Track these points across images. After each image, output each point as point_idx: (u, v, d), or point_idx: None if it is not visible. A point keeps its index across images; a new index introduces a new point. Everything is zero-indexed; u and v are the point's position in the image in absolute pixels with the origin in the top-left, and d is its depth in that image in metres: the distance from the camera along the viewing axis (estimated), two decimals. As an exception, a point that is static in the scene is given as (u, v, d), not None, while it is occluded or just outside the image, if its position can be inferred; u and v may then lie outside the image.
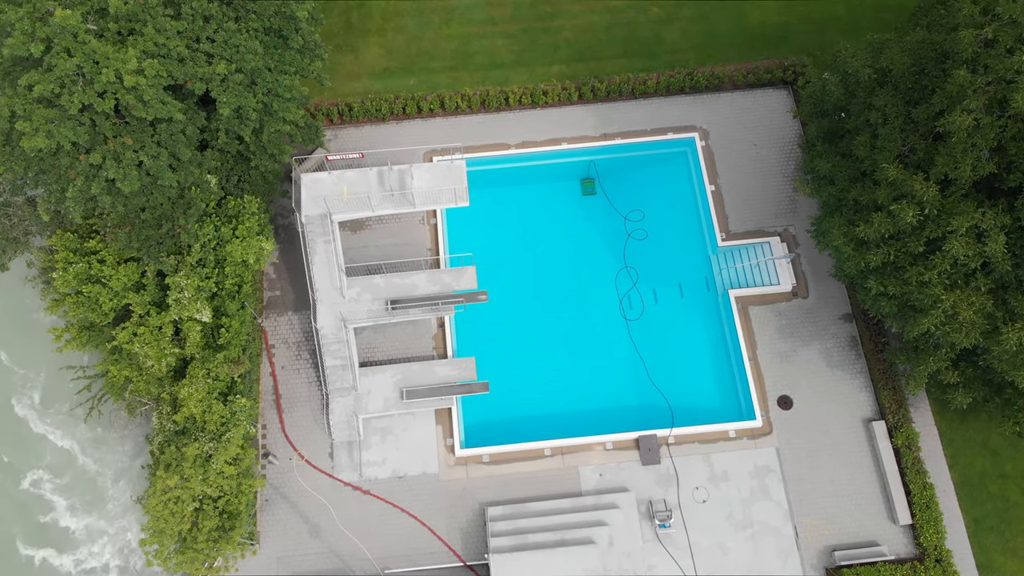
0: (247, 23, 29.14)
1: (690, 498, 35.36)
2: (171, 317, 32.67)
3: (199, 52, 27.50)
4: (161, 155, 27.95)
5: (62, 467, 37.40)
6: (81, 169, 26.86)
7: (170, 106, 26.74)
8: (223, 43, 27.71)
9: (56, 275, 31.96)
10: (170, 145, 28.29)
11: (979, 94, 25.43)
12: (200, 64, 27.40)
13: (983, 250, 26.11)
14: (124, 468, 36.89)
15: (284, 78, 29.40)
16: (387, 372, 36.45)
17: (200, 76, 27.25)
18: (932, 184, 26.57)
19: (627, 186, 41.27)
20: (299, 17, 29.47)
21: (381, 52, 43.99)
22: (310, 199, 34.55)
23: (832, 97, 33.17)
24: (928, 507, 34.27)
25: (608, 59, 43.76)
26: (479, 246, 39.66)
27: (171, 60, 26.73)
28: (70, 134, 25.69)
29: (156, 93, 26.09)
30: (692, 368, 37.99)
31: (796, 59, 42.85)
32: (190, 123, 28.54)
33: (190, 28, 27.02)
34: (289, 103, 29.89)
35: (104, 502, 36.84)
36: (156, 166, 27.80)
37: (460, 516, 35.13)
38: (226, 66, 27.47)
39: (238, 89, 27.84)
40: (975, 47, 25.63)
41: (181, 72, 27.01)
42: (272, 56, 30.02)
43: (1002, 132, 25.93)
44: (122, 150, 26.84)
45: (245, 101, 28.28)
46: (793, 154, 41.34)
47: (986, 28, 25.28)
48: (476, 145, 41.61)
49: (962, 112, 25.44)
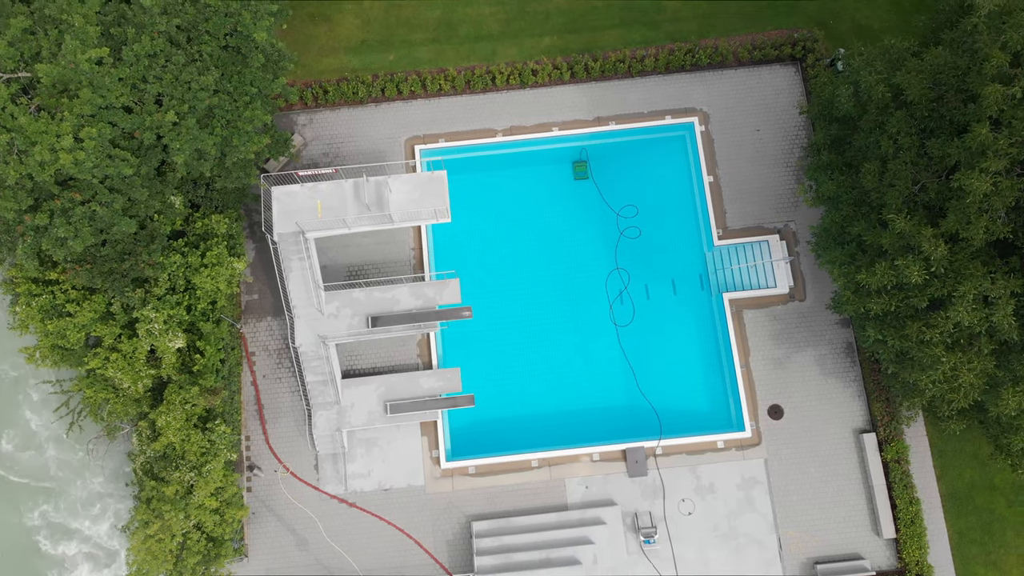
0: (199, 46, 26.33)
1: (676, 510, 35.40)
2: (144, 345, 31.56)
3: (147, 94, 24.95)
4: (115, 201, 25.97)
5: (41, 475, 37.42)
6: (29, 227, 24.99)
7: (119, 161, 24.51)
8: (172, 80, 25.09)
9: (18, 309, 30.60)
10: (124, 188, 26.23)
11: (1001, 156, 23.19)
12: (149, 108, 24.89)
13: (989, 315, 24.64)
14: (106, 492, 36.76)
15: (245, 110, 26.83)
16: (371, 384, 35.67)
17: (149, 125, 24.82)
18: (941, 242, 24.75)
19: (620, 177, 39.01)
20: (257, 42, 26.57)
21: (357, 22, 40.55)
22: (282, 215, 32.62)
23: (842, 108, 30.61)
24: (913, 522, 34.33)
25: (604, 29, 40.38)
26: (464, 245, 38.01)
27: (115, 111, 24.25)
28: (10, 204, 23.68)
29: (99, 157, 23.81)
30: (682, 375, 37.17)
31: (807, 31, 39.54)
32: (144, 164, 26.33)
33: (134, 71, 24.36)
34: (251, 136, 27.47)
35: (84, 518, 37.00)
36: (110, 214, 25.89)
37: (446, 529, 35.30)
38: (177, 106, 24.99)
39: (192, 133, 25.45)
40: (1001, 104, 23.13)
41: (128, 122, 24.58)
42: (230, 78, 27.35)
43: (1022, 193, 23.88)
44: (71, 206, 24.87)
45: (201, 144, 25.95)
46: (798, 140, 38.83)
47: (1015, 86, 22.70)
48: (461, 132, 39.05)
49: (980, 174, 23.29)
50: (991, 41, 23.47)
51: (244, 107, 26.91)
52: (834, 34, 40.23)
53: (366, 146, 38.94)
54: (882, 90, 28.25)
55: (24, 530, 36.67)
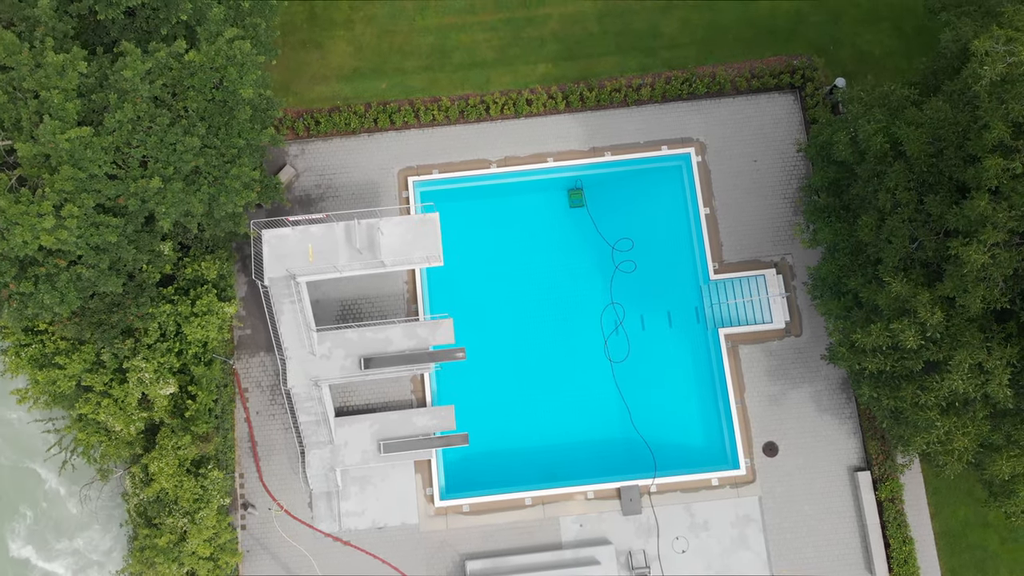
0: (184, 101, 25.80)
1: (670, 548, 35.46)
2: (135, 392, 31.41)
3: (131, 157, 24.47)
4: (101, 262, 25.63)
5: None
6: (14, 293, 24.69)
7: (103, 228, 24.11)
8: (157, 142, 24.58)
9: (7, 359, 30.41)
10: (111, 248, 25.86)
11: (1000, 230, 22.80)
12: (133, 172, 24.41)
13: (985, 382, 24.40)
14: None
15: (233, 167, 26.35)
16: (364, 423, 35.55)
17: (134, 191, 24.37)
18: (938, 309, 24.44)
19: (616, 209, 38.57)
20: (244, 97, 26.02)
21: (349, 49, 39.85)
22: (273, 259, 32.26)
23: (840, 155, 30.12)
24: (906, 562, 34.40)
25: (600, 56, 39.69)
26: (458, 279, 37.67)
27: (99, 179, 23.80)
28: (-9, 278, 23.42)
29: (83, 228, 23.41)
30: (677, 411, 37.06)
31: (806, 58, 38.92)
32: (130, 222, 25.92)
33: (117, 136, 23.86)
34: (239, 191, 27.02)
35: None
36: (96, 274, 25.55)
37: (440, 568, 35.38)
38: (162, 169, 24.53)
39: (178, 196, 25.01)
40: (1001, 178, 22.68)
41: (112, 189, 24.14)
42: (217, 131, 26.83)
43: (1021, 263, 23.52)
44: (56, 271, 24.54)
45: (188, 206, 25.53)
46: (796, 171, 38.34)
47: (1015, 160, 22.24)
48: (455, 163, 38.57)
49: (978, 246, 22.92)
50: (992, 109, 22.97)
51: (231, 163, 26.44)
52: (835, 60, 39.55)
53: (359, 177, 38.49)
54: (880, 141, 27.77)
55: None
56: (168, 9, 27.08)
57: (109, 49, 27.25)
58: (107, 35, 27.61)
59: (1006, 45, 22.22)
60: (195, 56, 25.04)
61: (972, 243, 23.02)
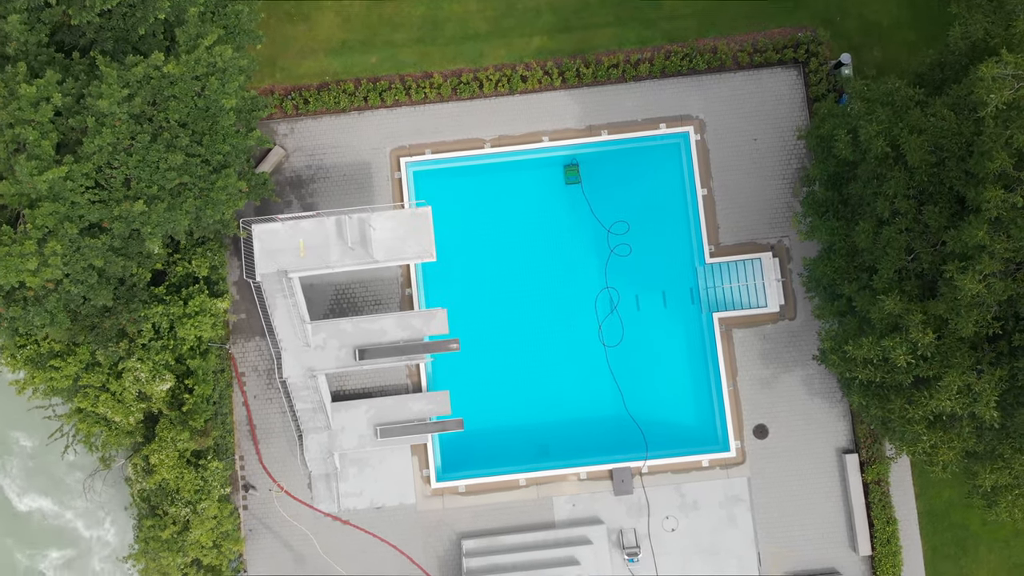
0: (165, 112, 25.03)
1: (660, 527, 36.50)
2: (132, 389, 31.74)
3: (113, 179, 23.90)
4: (90, 277, 25.43)
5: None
6: (4, 316, 24.60)
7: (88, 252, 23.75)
8: (139, 161, 23.94)
9: (4, 359, 30.58)
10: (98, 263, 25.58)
11: (996, 260, 22.48)
12: (116, 194, 23.88)
13: (973, 402, 24.59)
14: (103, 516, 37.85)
15: (218, 179, 25.78)
16: (360, 408, 36.04)
17: (118, 215, 23.91)
18: (930, 331, 24.38)
19: (612, 190, 37.97)
20: (226, 107, 25.20)
21: (337, 21, 38.38)
22: (264, 255, 31.99)
23: (840, 153, 29.43)
24: (889, 541, 35.44)
25: (597, 28, 38.22)
26: (452, 261, 37.32)
27: (81, 206, 23.29)
28: (-18, 308, 23.28)
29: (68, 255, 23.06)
30: (670, 393, 37.52)
31: (811, 30, 37.54)
32: (115, 238, 25.56)
33: (97, 158, 23.21)
34: (225, 203, 26.51)
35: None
36: (85, 289, 25.41)
37: (437, 545, 36.53)
38: (145, 189, 24.00)
39: (164, 216, 24.56)
40: (1001, 210, 22.18)
41: (96, 214, 23.68)
42: (200, 139, 26.13)
43: (1016, 291, 23.31)
44: (44, 293, 24.39)
45: (174, 223, 25.10)
46: (796, 150, 37.55)
47: (1016, 193, 21.71)
48: (447, 142, 37.74)
49: (973, 275, 22.66)
50: (996, 135, 22.30)
51: (216, 173, 25.85)
52: (841, 32, 38.13)
53: (351, 157, 37.77)
54: (881, 144, 27.09)
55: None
56: (145, 7, 26.01)
57: (85, 52, 26.28)
58: (83, 36, 26.57)
59: (1015, 71, 21.38)
60: (174, 68, 24.16)
61: (968, 272, 22.77)
